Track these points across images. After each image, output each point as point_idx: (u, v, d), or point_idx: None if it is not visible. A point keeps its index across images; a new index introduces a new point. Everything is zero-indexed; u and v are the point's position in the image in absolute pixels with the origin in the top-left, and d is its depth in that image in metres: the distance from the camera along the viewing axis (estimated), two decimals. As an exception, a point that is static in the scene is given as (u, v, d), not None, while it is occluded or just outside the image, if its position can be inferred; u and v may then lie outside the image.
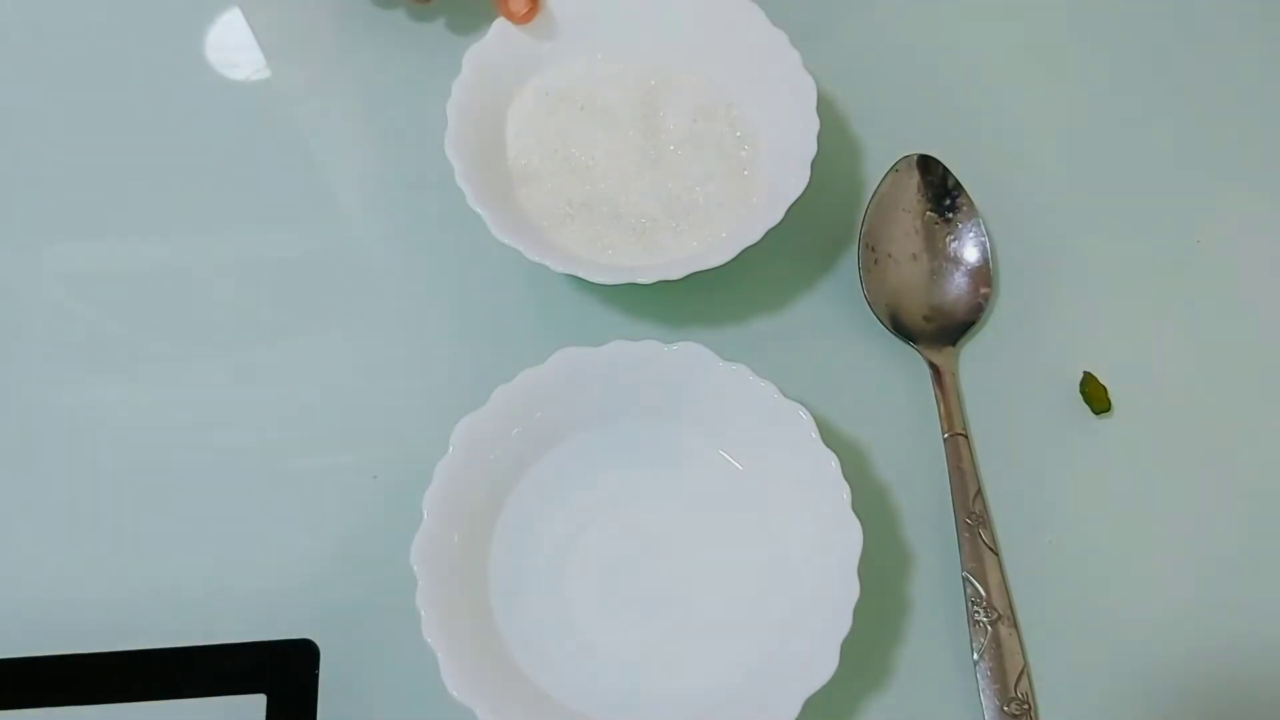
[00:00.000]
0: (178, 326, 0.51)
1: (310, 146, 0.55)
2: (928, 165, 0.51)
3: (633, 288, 0.46)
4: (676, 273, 0.46)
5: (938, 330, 0.49)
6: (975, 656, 0.44)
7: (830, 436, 0.45)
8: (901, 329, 0.49)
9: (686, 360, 0.45)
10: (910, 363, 0.49)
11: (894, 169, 0.51)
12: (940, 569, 0.45)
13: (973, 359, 0.49)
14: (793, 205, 0.47)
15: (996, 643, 0.44)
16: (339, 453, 0.48)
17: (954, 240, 0.50)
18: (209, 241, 0.53)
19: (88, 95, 0.56)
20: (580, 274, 0.46)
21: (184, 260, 0.52)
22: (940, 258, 0.50)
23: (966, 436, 0.47)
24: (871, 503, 0.46)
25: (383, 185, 0.54)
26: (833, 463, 0.43)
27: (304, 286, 0.52)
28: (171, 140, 0.55)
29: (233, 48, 0.57)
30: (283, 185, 0.54)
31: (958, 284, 0.50)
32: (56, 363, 0.50)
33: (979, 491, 0.46)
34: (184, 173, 0.54)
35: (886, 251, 0.50)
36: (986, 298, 0.50)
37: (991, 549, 0.45)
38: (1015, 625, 0.44)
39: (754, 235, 0.46)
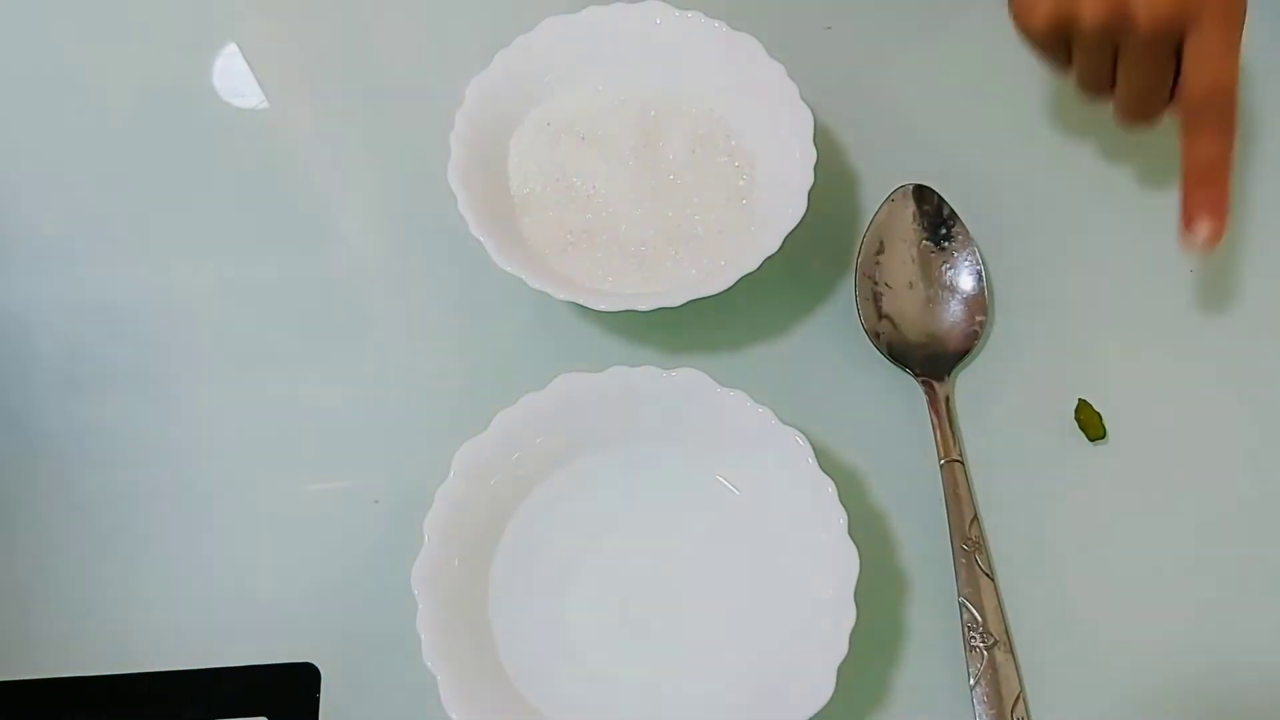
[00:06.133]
0: (181, 352, 0.51)
1: (315, 176, 0.55)
2: (923, 195, 0.52)
3: (632, 315, 0.47)
4: (675, 300, 0.46)
5: (934, 357, 0.49)
6: (971, 682, 0.44)
7: (827, 462, 0.45)
8: (898, 356, 0.49)
9: (685, 386, 0.45)
10: (907, 389, 0.49)
11: (890, 198, 0.52)
12: (937, 594, 0.46)
13: (969, 386, 0.50)
14: (790, 234, 0.47)
15: (993, 668, 0.44)
16: (341, 477, 0.49)
17: (950, 269, 0.51)
18: (213, 267, 0.53)
19: (95, 123, 0.56)
20: (581, 301, 0.47)
21: (188, 286, 0.53)
22: (936, 286, 0.51)
23: (963, 463, 0.47)
24: (868, 528, 0.47)
25: (387, 214, 0.54)
26: (830, 488, 0.43)
27: (308, 313, 0.52)
28: (177, 168, 0.55)
29: (239, 77, 0.57)
30: (287, 213, 0.54)
31: (953, 312, 0.50)
32: (59, 387, 0.51)
33: (975, 517, 0.46)
34: (188, 199, 0.54)
35: (883, 280, 0.51)
36: (982, 325, 0.50)
37: (988, 575, 0.45)
38: (1011, 651, 0.44)
39: (752, 263, 0.47)
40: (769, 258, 0.47)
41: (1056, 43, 0.44)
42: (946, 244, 0.51)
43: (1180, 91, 0.45)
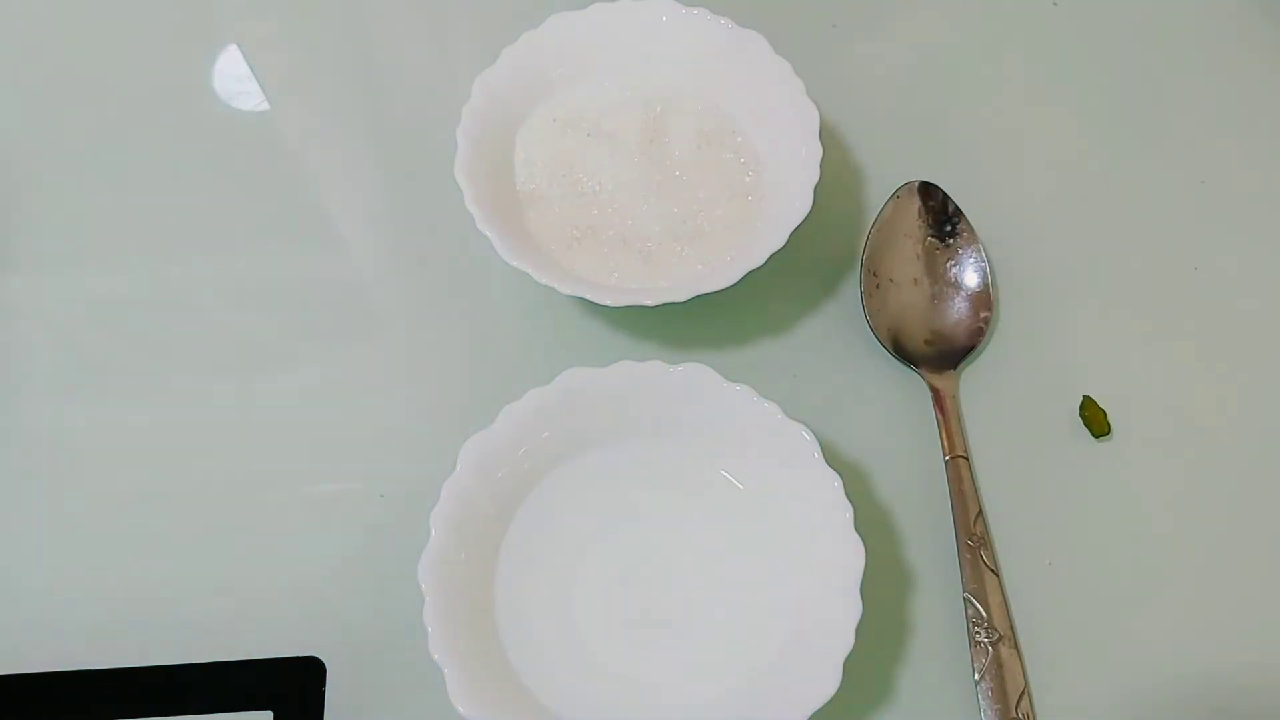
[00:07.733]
0: (185, 351, 0.51)
1: (318, 173, 0.55)
2: (928, 191, 0.52)
3: (638, 310, 0.47)
4: (681, 295, 0.46)
5: (939, 354, 0.50)
6: (976, 677, 0.44)
7: (832, 457, 0.45)
8: (903, 352, 0.49)
9: (691, 381, 0.45)
10: (912, 385, 0.49)
11: (895, 195, 0.52)
12: (941, 590, 0.46)
13: (974, 382, 0.50)
14: (796, 230, 0.47)
15: (997, 663, 0.44)
16: (347, 471, 0.49)
17: (955, 265, 0.51)
18: (217, 265, 0.53)
19: (95, 122, 0.56)
20: (587, 296, 0.47)
21: (193, 285, 0.53)
22: (941, 282, 0.51)
23: (967, 459, 0.47)
24: (873, 523, 0.47)
25: (392, 209, 0.54)
26: (835, 483, 0.43)
27: (314, 307, 0.52)
28: (179, 165, 0.55)
29: (242, 75, 0.57)
30: (292, 209, 0.54)
31: (958, 308, 0.50)
32: (63, 386, 0.50)
33: (980, 513, 0.46)
34: (188, 199, 0.54)
35: (888, 276, 0.51)
36: (987, 322, 0.50)
37: (992, 570, 0.45)
38: (1016, 646, 0.44)
39: (758, 259, 0.47)
40: (775, 254, 0.47)
41: None
42: (951, 240, 0.51)
43: None
